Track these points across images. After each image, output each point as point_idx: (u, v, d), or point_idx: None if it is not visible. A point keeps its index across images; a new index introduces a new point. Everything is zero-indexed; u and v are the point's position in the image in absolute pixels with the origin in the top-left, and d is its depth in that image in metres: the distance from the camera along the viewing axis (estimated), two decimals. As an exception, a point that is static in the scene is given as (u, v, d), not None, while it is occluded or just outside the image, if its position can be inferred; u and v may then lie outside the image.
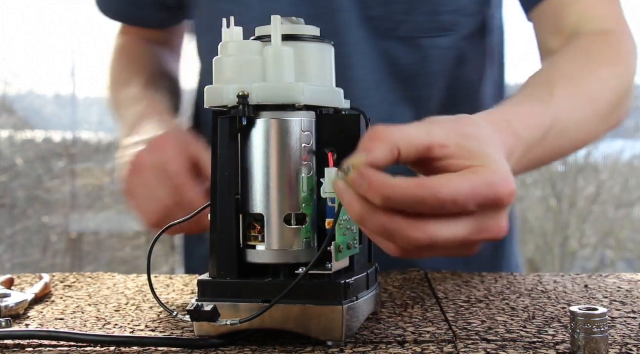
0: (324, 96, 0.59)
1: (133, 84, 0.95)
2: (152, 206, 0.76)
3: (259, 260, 0.57)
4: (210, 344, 0.56)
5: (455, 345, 0.56)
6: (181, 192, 0.75)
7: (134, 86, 0.94)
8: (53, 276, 0.83)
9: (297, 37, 0.58)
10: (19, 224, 2.73)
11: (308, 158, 0.58)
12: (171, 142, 0.77)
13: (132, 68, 1.00)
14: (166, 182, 0.75)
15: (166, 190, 0.75)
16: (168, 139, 0.77)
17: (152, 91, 0.93)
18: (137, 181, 0.77)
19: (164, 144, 0.77)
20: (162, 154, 0.76)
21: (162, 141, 0.77)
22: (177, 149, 0.76)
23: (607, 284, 0.76)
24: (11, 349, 0.57)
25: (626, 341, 0.56)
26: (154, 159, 0.76)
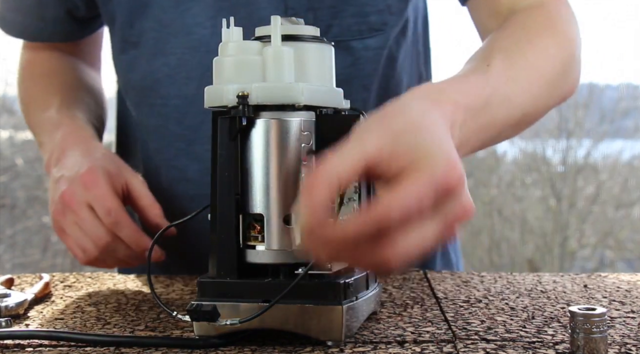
0: (323, 95, 0.59)
1: (49, 105, 0.89)
2: (90, 244, 0.76)
3: (259, 260, 0.57)
4: (210, 344, 0.56)
5: (454, 345, 0.56)
6: (118, 229, 0.75)
7: (50, 108, 0.88)
8: (53, 276, 0.83)
9: (297, 37, 0.59)
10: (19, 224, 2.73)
11: (308, 158, 0.58)
12: (100, 177, 0.76)
13: (46, 87, 0.92)
14: (101, 220, 0.75)
15: (102, 228, 0.75)
16: (96, 174, 0.76)
17: (71, 111, 0.87)
18: (69, 218, 0.77)
19: (93, 179, 0.76)
20: (92, 191, 0.75)
21: (91, 177, 0.76)
22: (106, 184, 0.76)
23: (607, 284, 0.76)
24: (11, 349, 0.57)
25: (625, 341, 0.56)
26: (84, 196, 0.75)
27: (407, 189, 0.48)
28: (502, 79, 0.66)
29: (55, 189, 0.78)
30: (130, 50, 0.83)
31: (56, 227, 0.79)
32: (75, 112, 0.87)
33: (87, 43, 0.96)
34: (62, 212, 0.77)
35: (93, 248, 0.76)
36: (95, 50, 0.99)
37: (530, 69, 0.71)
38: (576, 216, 3.92)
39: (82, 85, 0.94)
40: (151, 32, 0.82)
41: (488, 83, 0.64)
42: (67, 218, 0.77)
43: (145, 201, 0.78)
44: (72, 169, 0.78)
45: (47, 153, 0.84)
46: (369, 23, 0.82)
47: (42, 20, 0.91)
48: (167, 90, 0.82)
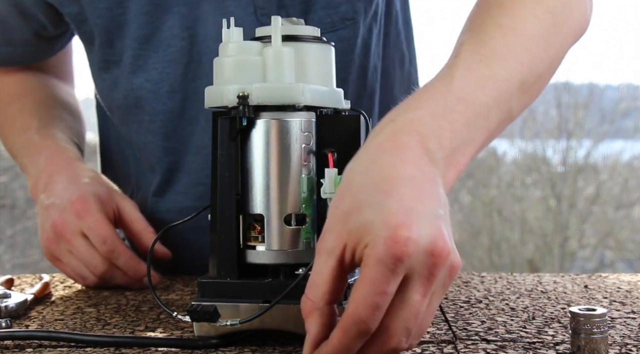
0: (323, 96, 0.59)
1: (27, 126, 0.87)
2: (87, 273, 0.76)
3: (259, 260, 0.57)
4: (210, 345, 0.56)
5: (455, 345, 0.56)
6: (114, 258, 0.76)
7: (29, 130, 0.87)
8: (53, 277, 0.83)
9: (297, 38, 0.58)
10: (19, 224, 2.73)
11: (308, 158, 0.58)
12: (92, 204, 0.76)
13: (21, 108, 0.89)
14: (97, 248, 0.75)
15: (98, 257, 0.75)
16: (88, 202, 0.76)
17: (50, 131, 0.86)
18: (63, 247, 0.77)
19: (85, 208, 0.75)
20: (85, 220, 0.75)
21: (83, 205, 0.76)
22: (99, 211, 0.76)
23: (607, 285, 0.76)
24: (11, 349, 0.57)
25: (626, 341, 0.56)
26: (78, 225, 0.75)
27: (362, 279, 0.48)
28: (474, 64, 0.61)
29: (46, 217, 0.78)
30: (112, 69, 0.82)
31: (49, 256, 0.79)
32: (54, 132, 0.86)
33: (56, 59, 0.94)
34: (55, 242, 0.77)
35: (91, 276, 0.77)
36: (65, 64, 0.97)
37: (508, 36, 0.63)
38: (576, 217, 3.92)
39: (57, 102, 0.92)
40: (130, 49, 0.80)
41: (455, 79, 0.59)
42: (61, 247, 0.77)
43: (138, 225, 0.79)
44: (62, 197, 0.77)
45: (32, 178, 0.83)
46: (340, 13, 0.81)
47: (11, 45, 0.88)
48: (152, 106, 0.81)
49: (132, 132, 0.84)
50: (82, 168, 0.82)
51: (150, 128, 0.82)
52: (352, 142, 0.59)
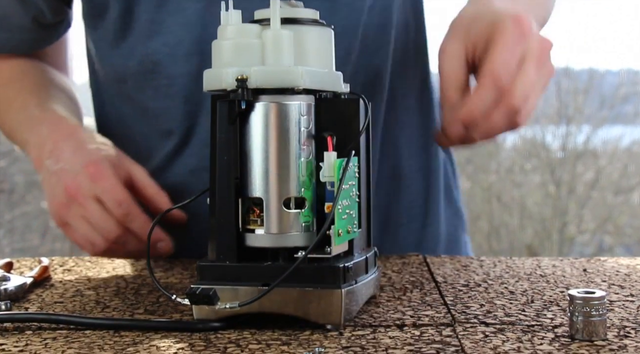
0: (323, 79, 0.59)
1: (26, 104, 0.86)
2: (98, 238, 0.75)
3: (258, 244, 0.57)
4: (209, 328, 0.56)
5: (453, 328, 0.56)
6: (129, 221, 0.75)
7: (29, 107, 0.86)
8: (52, 260, 0.83)
9: (296, 21, 0.58)
10: (18, 209, 2.73)
11: (307, 142, 0.58)
12: (106, 168, 0.75)
13: (20, 89, 0.89)
14: (111, 212, 0.74)
15: (112, 221, 0.74)
16: (102, 165, 0.75)
17: (51, 107, 0.85)
18: (74, 212, 0.75)
19: (99, 171, 0.75)
20: (100, 184, 0.74)
21: (97, 168, 0.75)
22: (113, 175, 0.75)
23: (606, 268, 0.76)
24: (10, 331, 0.58)
25: (624, 324, 0.57)
26: (92, 189, 0.74)
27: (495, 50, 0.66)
28: None
29: (56, 183, 0.76)
30: (127, 37, 0.83)
31: (59, 222, 0.78)
32: (55, 107, 0.85)
33: (53, 48, 0.93)
34: (66, 206, 0.76)
35: (102, 242, 0.75)
36: (61, 54, 0.97)
37: None
38: (575, 202, 3.92)
39: (55, 85, 0.91)
40: (146, 14, 0.81)
41: None
42: (73, 212, 0.76)
43: (151, 190, 0.78)
44: (72, 162, 0.76)
45: (35, 148, 0.82)
46: None
47: (9, 31, 0.88)
48: (170, 69, 0.81)
49: (148, 99, 0.84)
50: (88, 134, 0.81)
51: (168, 92, 0.82)
52: (351, 125, 0.59)
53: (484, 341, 0.53)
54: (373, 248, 0.63)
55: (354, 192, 0.58)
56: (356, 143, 0.58)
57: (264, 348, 0.52)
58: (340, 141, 0.58)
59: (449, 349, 0.51)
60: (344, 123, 0.59)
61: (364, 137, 0.60)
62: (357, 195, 0.59)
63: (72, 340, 0.55)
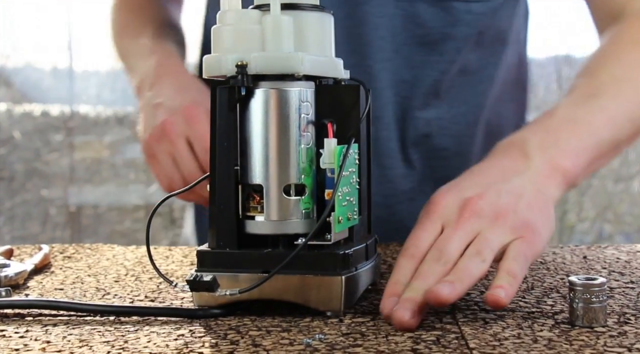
0: (323, 65, 0.58)
1: (141, 33, 0.91)
2: (178, 177, 0.77)
3: (258, 231, 0.57)
4: (209, 315, 0.56)
5: (454, 315, 0.56)
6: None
7: (143, 36, 0.91)
8: (52, 247, 0.83)
9: (297, 6, 0.58)
10: (18, 196, 2.73)
11: (307, 128, 0.57)
12: (202, 114, 0.76)
13: (139, 17, 0.96)
14: (197, 156, 0.76)
15: (195, 165, 0.76)
16: (199, 110, 0.77)
17: (164, 42, 0.90)
18: (164, 147, 0.77)
19: (195, 115, 0.77)
20: (194, 127, 0.76)
21: (194, 112, 0.77)
22: (207, 122, 0.75)
23: (606, 255, 0.76)
24: (11, 318, 0.58)
25: (624, 311, 0.57)
26: (185, 130, 0.76)
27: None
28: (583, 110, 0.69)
29: (153, 115, 0.79)
30: None
31: (147, 152, 0.80)
32: (167, 43, 0.89)
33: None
34: (158, 139, 0.78)
35: (180, 181, 0.78)
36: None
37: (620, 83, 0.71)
38: (575, 190, 3.92)
39: (171, 24, 0.96)
40: None
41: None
42: (162, 146, 0.78)
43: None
44: (173, 99, 0.79)
45: (138, 76, 0.85)
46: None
47: None
48: None
49: None
50: (192, 78, 0.84)
51: None
52: (351, 112, 0.59)
53: (484, 328, 0.53)
54: (373, 235, 0.63)
55: (354, 179, 0.58)
56: (356, 130, 0.58)
57: (264, 334, 0.52)
58: (341, 127, 0.58)
59: (449, 336, 0.51)
60: (345, 110, 0.59)
61: (364, 124, 0.59)
62: (357, 182, 0.59)
63: (72, 326, 0.55)
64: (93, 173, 2.71)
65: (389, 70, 0.84)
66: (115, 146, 2.70)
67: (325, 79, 0.60)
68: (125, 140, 2.70)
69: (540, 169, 0.62)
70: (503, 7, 0.87)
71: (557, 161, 0.63)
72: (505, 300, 0.53)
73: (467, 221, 0.58)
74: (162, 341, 0.51)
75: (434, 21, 0.84)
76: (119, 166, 2.69)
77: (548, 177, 0.62)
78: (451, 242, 0.57)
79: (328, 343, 0.50)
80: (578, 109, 0.67)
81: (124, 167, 2.70)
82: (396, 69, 0.84)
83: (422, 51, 0.85)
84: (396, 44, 0.84)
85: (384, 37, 0.84)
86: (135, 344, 0.51)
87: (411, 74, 0.85)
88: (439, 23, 0.84)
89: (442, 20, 0.84)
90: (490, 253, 0.56)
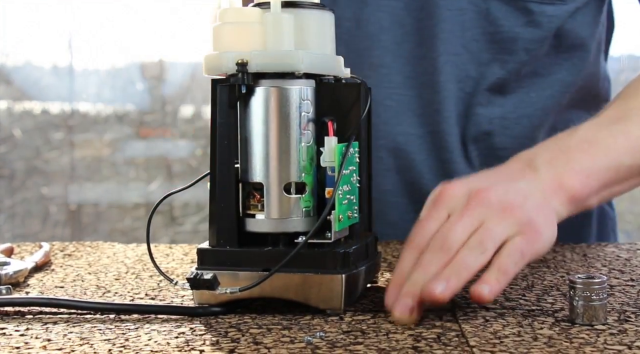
0: (323, 63, 0.58)
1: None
2: None
3: (258, 229, 0.57)
4: (210, 312, 0.56)
5: (454, 313, 0.56)
6: None
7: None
8: (53, 245, 0.83)
9: (297, 4, 0.58)
10: (18, 194, 2.73)
11: (307, 127, 0.57)
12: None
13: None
14: None
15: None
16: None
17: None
18: None
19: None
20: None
21: None
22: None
23: (606, 253, 0.76)
24: (11, 316, 0.58)
25: (624, 309, 0.57)
26: None
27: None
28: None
29: None
30: None
31: None
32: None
33: None
34: None
35: None
36: None
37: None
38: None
39: None
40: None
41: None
42: None
43: None
44: None
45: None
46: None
47: None
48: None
49: None
50: None
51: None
52: (351, 110, 0.59)
53: (484, 326, 0.53)
54: (373, 233, 0.63)
55: (354, 178, 0.58)
56: (357, 128, 0.58)
57: (264, 332, 0.52)
58: (341, 125, 0.58)
59: (450, 334, 0.51)
60: (345, 108, 0.59)
61: (364, 122, 0.59)
62: (357, 180, 0.59)
63: (73, 324, 0.55)
64: (93, 171, 2.72)
65: (454, 64, 0.84)
66: (116, 143, 2.71)
67: (326, 77, 0.60)
68: (125, 138, 2.70)
69: (546, 183, 0.61)
70: (581, 13, 0.86)
71: (564, 179, 0.62)
72: (488, 297, 0.53)
73: (473, 210, 0.57)
74: (163, 338, 0.51)
75: (506, 19, 0.84)
76: (119, 164, 2.70)
77: (553, 193, 0.61)
78: (454, 231, 0.56)
79: (329, 341, 0.50)
80: (600, 130, 0.66)
81: (124, 165, 2.70)
82: (462, 64, 0.84)
83: (491, 49, 0.85)
84: (465, 39, 0.84)
85: (452, 31, 0.84)
86: (136, 342, 0.51)
87: (477, 71, 0.85)
88: (511, 22, 0.84)
89: (515, 19, 0.83)
90: (492, 245, 0.56)
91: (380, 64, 0.85)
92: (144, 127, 2.71)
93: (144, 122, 2.72)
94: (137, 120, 2.71)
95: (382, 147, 0.86)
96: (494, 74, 0.85)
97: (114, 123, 2.71)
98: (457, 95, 0.85)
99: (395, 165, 0.86)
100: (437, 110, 0.84)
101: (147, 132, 2.71)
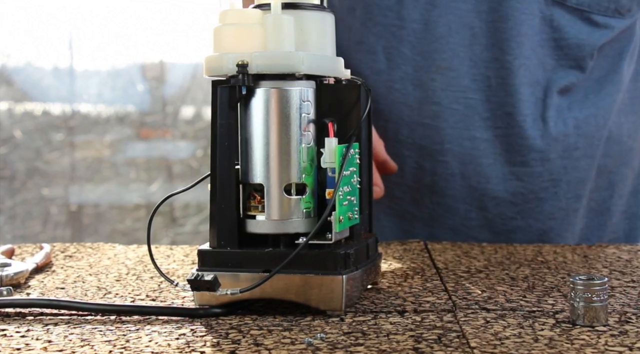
0: (323, 65, 0.58)
1: None
2: None
3: (259, 230, 0.57)
4: (210, 314, 0.56)
5: (454, 314, 0.56)
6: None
7: None
8: (53, 246, 0.83)
9: (297, 5, 0.58)
10: (19, 196, 2.73)
11: (308, 128, 0.57)
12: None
13: None
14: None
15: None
16: None
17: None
18: None
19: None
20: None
21: None
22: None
23: (607, 254, 0.76)
24: (12, 317, 0.58)
25: (625, 310, 0.57)
26: None
27: None
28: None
29: None
30: None
31: None
32: None
33: None
34: None
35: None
36: None
37: None
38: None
39: None
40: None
41: None
42: None
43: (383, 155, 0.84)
44: None
45: None
46: (617, 3, 0.85)
47: None
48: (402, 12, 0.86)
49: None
50: None
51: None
52: (352, 111, 0.59)
53: (485, 327, 0.53)
54: (374, 234, 0.63)
55: (355, 179, 0.58)
56: (357, 129, 0.58)
57: (265, 333, 0.52)
58: (341, 127, 0.58)
59: (450, 335, 0.51)
60: (345, 109, 0.59)
61: (365, 123, 0.59)
62: (358, 181, 0.59)
63: (73, 326, 0.55)
64: (94, 172, 2.72)
65: (527, 68, 0.85)
66: (116, 145, 2.71)
67: (326, 78, 0.60)
68: (126, 139, 2.70)
69: None
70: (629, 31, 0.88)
71: None
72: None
73: None
74: (164, 340, 0.51)
75: (570, 27, 0.86)
76: (120, 165, 2.70)
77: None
78: None
79: (329, 342, 0.50)
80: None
81: (125, 166, 2.70)
82: (533, 68, 0.85)
83: (555, 55, 0.86)
84: (533, 44, 0.85)
85: (526, 34, 0.84)
86: (137, 343, 0.51)
87: (544, 76, 0.86)
88: (574, 29, 0.85)
89: (579, 28, 0.85)
90: None
91: (447, 67, 0.85)
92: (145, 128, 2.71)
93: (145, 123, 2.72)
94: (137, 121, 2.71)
95: (448, 151, 0.86)
96: (562, 78, 0.86)
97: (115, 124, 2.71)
98: (529, 99, 0.85)
99: (461, 170, 0.86)
100: (509, 113, 0.85)
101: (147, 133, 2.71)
